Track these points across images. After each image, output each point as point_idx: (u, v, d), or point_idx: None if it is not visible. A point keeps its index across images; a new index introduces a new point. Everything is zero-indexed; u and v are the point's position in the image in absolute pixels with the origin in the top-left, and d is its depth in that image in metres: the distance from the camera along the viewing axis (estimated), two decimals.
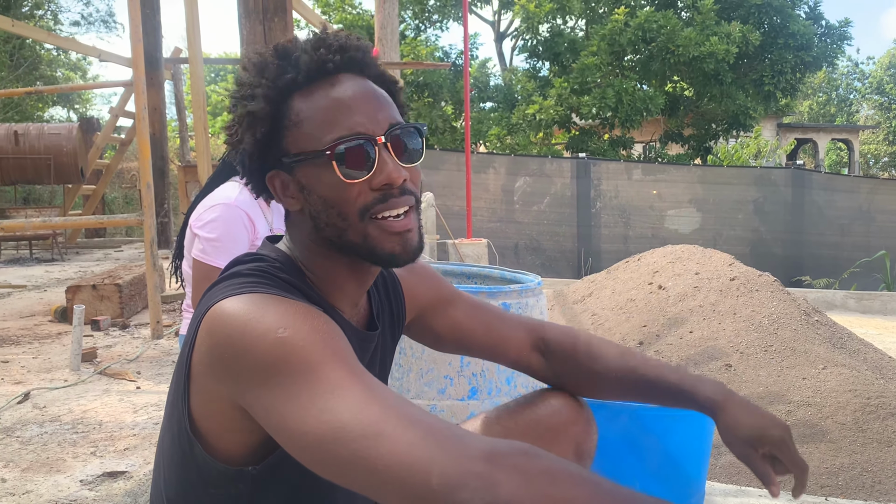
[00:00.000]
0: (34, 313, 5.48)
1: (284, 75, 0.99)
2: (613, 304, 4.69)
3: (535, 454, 0.73)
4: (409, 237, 1.00)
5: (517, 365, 1.34)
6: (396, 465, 0.72)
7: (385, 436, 0.74)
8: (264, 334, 0.84)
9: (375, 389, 0.80)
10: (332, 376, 0.81)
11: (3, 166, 10.35)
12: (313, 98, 0.99)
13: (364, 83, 1.01)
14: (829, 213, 11.76)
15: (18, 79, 17.89)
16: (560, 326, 1.35)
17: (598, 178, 11.95)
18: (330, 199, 0.98)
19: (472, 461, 0.71)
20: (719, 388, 1.20)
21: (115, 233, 14.35)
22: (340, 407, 0.78)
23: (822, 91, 35.78)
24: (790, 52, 15.51)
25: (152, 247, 4.43)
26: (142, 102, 4.39)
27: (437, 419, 0.78)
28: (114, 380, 3.40)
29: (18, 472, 2.19)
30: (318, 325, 0.87)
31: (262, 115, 0.99)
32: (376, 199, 0.97)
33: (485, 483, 0.69)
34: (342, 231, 0.99)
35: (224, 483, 0.98)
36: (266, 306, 0.88)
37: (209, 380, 0.92)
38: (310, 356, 0.82)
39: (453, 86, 16.73)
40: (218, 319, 0.89)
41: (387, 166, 0.97)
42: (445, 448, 0.73)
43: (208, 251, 2.29)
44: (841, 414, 3.23)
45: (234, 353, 0.86)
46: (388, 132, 0.98)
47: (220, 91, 25.86)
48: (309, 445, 0.78)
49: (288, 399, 0.81)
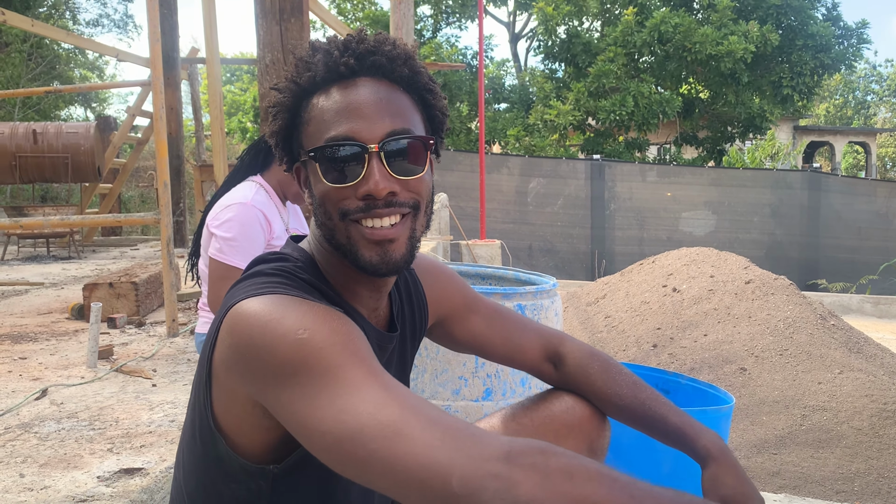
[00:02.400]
0: (51, 310, 5.53)
1: (307, 73, 1.01)
2: (627, 307, 4.67)
3: (553, 452, 0.73)
4: (390, 248, 0.98)
5: (533, 372, 1.37)
6: (416, 467, 0.73)
7: (403, 436, 0.75)
8: (285, 335, 0.85)
9: (394, 390, 0.81)
10: (351, 377, 0.81)
11: (22, 165, 10.44)
12: (328, 98, 1.00)
13: (381, 89, 1.00)
14: (846, 217, 11.67)
15: (36, 78, 18.05)
16: (579, 343, 1.36)
17: (612, 180, 11.92)
18: (319, 198, 1.00)
19: (490, 462, 0.71)
20: (718, 441, 1.22)
21: (131, 231, 14.46)
22: (359, 407, 0.78)
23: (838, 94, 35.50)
24: (809, 53, 15.38)
25: (168, 245, 4.46)
26: (159, 102, 4.42)
27: (456, 419, 0.79)
28: (130, 377, 3.43)
29: (36, 467, 2.21)
30: (337, 326, 0.88)
31: (283, 108, 1.03)
32: (359, 208, 0.97)
33: (504, 484, 0.70)
34: (332, 231, 1.00)
35: (245, 479, 0.99)
36: (287, 307, 0.89)
37: (230, 378, 0.93)
38: (329, 357, 0.83)
39: (470, 86, 16.75)
40: (239, 319, 0.90)
41: (372, 177, 0.95)
42: (464, 449, 0.73)
43: (225, 250, 2.31)
44: (857, 419, 3.21)
45: (254, 353, 0.86)
46: (384, 141, 0.96)
47: (235, 91, 25.99)
48: (328, 445, 0.79)
49: (307, 399, 0.82)
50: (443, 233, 9.14)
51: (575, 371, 1.31)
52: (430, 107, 1.06)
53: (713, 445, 1.21)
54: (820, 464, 3.01)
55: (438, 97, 1.07)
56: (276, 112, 1.04)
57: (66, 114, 20.96)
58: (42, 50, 18.55)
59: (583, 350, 1.33)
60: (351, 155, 0.96)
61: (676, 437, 1.24)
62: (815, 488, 2.87)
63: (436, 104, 1.07)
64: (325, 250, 1.05)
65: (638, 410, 1.27)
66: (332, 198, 0.98)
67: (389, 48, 1.02)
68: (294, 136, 1.04)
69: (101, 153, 11.01)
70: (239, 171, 2.58)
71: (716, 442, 1.22)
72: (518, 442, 0.74)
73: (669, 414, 1.26)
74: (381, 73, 1.01)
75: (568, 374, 1.32)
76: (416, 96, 1.05)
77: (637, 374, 1.37)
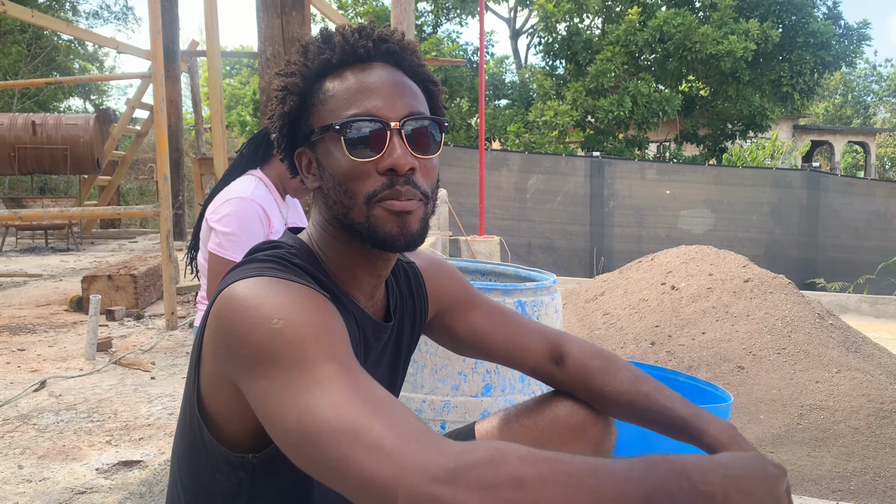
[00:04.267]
0: (50, 302, 5.53)
1: (321, 56, 1.03)
2: (626, 304, 4.68)
3: (502, 459, 0.70)
4: (409, 220, 0.99)
5: (534, 374, 1.34)
6: (365, 481, 0.72)
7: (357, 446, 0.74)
8: (260, 323, 0.85)
9: (358, 391, 0.80)
10: (319, 374, 0.81)
11: (21, 156, 10.44)
12: (343, 79, 1.02)
13: (394, 73, 1.03)
14: (845, 216, 11.68)
15: (35, 69, 18.02)
16: (581, 341, 1.34)
17: (611, 178, 11.91)
18: (339, 177, 1.00)
19: (433, 484, 0.69)
20: (728, 430, 1.18)
21: (129, 224, 14.45)
22: (319, 410, 0.78)
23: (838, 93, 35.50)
24: (809, 51, 15.38)
25: (168, 238, 4.46)
26: (160, 94, 4.41)
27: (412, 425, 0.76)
28: (129, 370, 3.43)
29: (35, 459, 2.21)
30: (314, 317, 0.87)
31: (294, 90, 1.04)
32: (384, 185, 0.98)
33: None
34: (348, 210, 1.00)
35: (227, 469, 0.99)
36: (269, 293, 0.89)
37: (214, 361, 0.94)
38: (299, 351, 0.83)
39: (471, 82, 16.74)
40: (224, 302, 0.91)
41: (395, 151, 0.97)
42: (411, 466, 0.71)
43: (224, 245, 2.31)
44: (854, 418, 3.22)
45: (233, 338, 0.87)
46: (405, 119, 0.99)
47: (235, 84, 25.95)
48: (290, 444, 0.80)
49: (274, 392, 0.82)
50: (442, 228, 9.14)
51: (574, 370, 1.29)
52: (434, 97, 1.09)
53: (723, 435, 1.16)
54: (816, 462, 3.02)
55: (440, 90, 1.11)
56: (284, 95, 1.05)
57: (66, 105, 20.90)
58: (42, 41, 18.50)
59: (584, 349, 1.31)
60: (373, 131, 0.98)
61: (683, 429, 1.20)
62: (812, 487, 2.87)
63: (438, 96, 1.10)
64: (330, 234, 1.06)
65: (641, 405, 1.23)
66: (353, 174, 0.99)
67: (399, 37, 1.06)
68: (302, 120, 1.05)
69: (101, 145, 11.00)
70: (238, 165, 2.58)
71: (725, 432, 1.17)
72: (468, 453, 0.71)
73: (675, 407, 1.22)
74: (394, 59, 1.04)
75: (567, 373, 1.30)
76: (422, 87, 1.08)
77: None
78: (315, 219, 1.09)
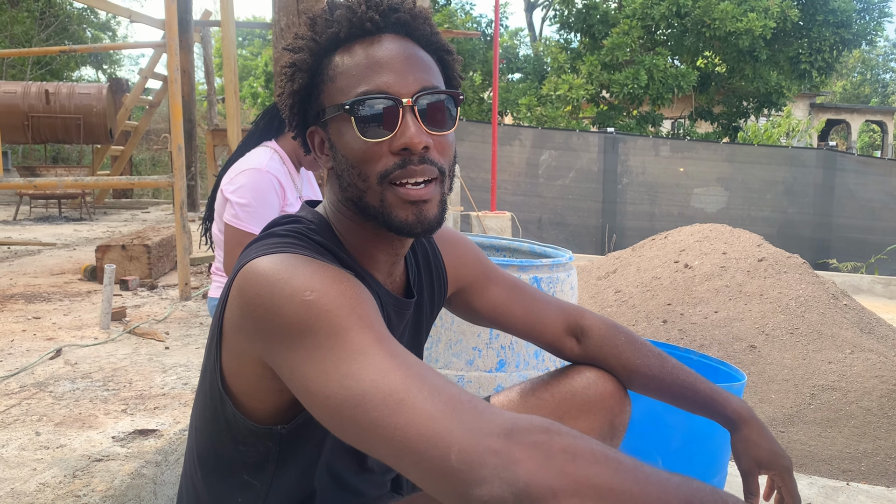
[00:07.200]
0: (64, 271, 5.56)
1: (329, 30, 0.99)
2: (638, 282, 4.66)
3: (557, 431, 0.71)
4: (425, 209, 0.97)
5: (551, 347, 1.35)
6: (415, 437, 0.72)
7: (405, 405, 0.74)
8: (291, 296, 0.84)
9: (400, 357, 0.80)
10: (357, 342, 0.80)
11: (34, 125, 10.45)
12: (352, 54, 0.98)
13: (406, 45, 0.99)
14: (860, 196, 11.56)
15: (48, 38, 17.98)
16: (600, 316, 1.36)
17: (625, 154, 11.82)
18: (351, 158, 0.97)
19: (491, 438, 0.69)
20: (746, 406, 1.28)
21: (141, 194, 14.49)
22: (363, 374, 0.77)
23: (856, 71, 35.01)
24: (829, 28, 15.12)
25: (182, 209, 4.47)
26: (174, 64, 4.39)
27: (461, 390, 0.77)
28: (143, 339, 3.46)
29: (52, 426, 2.24)
30: (346, 289, 0.87)
31: (303, 67, 1.00)
32: (396, 165, 0.95)
33: (504, 461, 0.67)
34: (362, 193, 0.98)
35: (253, 441, 1.00)
36: (296, 267, 0.88)
37: (239, 338, 0.93)
38: (336, 320, 0.82)
39: (484, 55, 16.58)
40: (249, 278, 0.89)
41: (408, 130, 0.94)
42: (465, 422, 0.71)
43: (241, 216, 2.31)
44: (866, 399, 3.21)
45: (262, 312, 0.86)
46: (418, 95, 0.95)
47: (246, 55, 25.82)
48: (331, 410, 0.79)
49: (312, 362, 0.81)
50: (453, 203, 9.12)
51: (601, 343, 1.31)
52: (449, 68, 1.06)
53: (743, 410, 1.26)
54: (827, 443, 3.02)
55: (455, 59, 1.07)
56: (293, 72, 1.01)
57: (78, 75, 20.90)
58: (54, 9, 18.45)
59: (606, 323, 1.34)
60: (385, 109, 0.94)
61: (705, 405, 1.28)
62: (822, 467, 2.88)
63: (453, 66, 1.06)
64: (344, 214, 1.04)
65: (667, 380, 1.29)
66: (365, 156, 0.96)
67: (410, 6, 1.01)
68: (312, 98, 1.02)
69: (114, 115, 10.99)
70: (253, 136, 2.57)
71: (745, 406, 1.27)
72: (522, 419, 0.72)
73: (697, 383, 1.29)
74: (405, 30, 1.00)
75: (594, 348, 1.32)
76: (436, 57, 1.04)
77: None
78: (330, 197, 1.07)
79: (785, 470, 1.23)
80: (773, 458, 1.23)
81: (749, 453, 1.24)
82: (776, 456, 1.23)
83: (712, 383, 1.30)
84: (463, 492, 0.68)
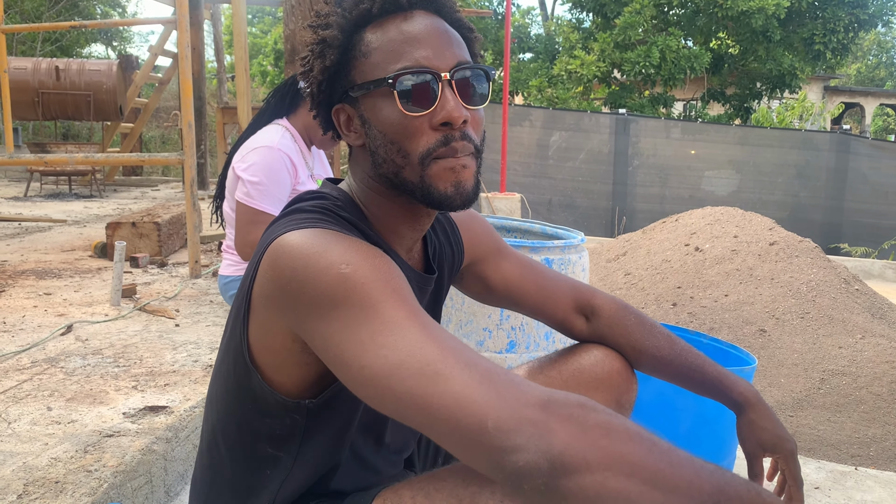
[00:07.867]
0: (75, 248, 5.59)
1: (360, 5, 0.99)
2: (648, 264, 4.65)
3: (592, 407, 0.72)
4: (464, 177, 0.97)
5: (561, 325, 1.36)
6: (452, 405, 0.73)
7: (442, 375, 0.75)
8: (327, 268, 0.85)
9: (434, 330, 0.81)
10: (392, 314, 0.81)
11: (45, 101, 10.46)
12: (385, 30, 0.98)
13: (437, 21, 0.99)
14: (873, 181, 11.45)
15: (59, 13, 17.94)
16: (610, 296, 1.37)
17: (636, 136, 11.73)
18: (390, 134, 0.97)
19: (528, 408, 0.71)
20: (753, 389, 1.28)
21: (151, 172, 14.51)
22: (399, 344, 0.78)
23: (871, 54, 34.58)
24: (844, 9, 14.91)
25: (192, 186, 4.47)
26: (185, 40, 4.37)
27: (494, 364, 0.78)
28: (153, 316, 3.47)
29: (63, 401, 2.25)
30: (379, 263, 0.87)
31: (333, 44, 1.00)
32: (439, 142, 0.95)
33: (540, 430, 0.69)
34: (399, 168, 0.98)
35: (281, 414, 1.00)
36: (329, 242, 0.89)
37: (270, 311, 0.93)
38: (371, 293, 0.83)
39: (495, 34, 16.46)
40: (281, 251, 0.89)
41: (448, 103, 0.94)
42: (502, 392, 0.73)
43: (252, 194, 2.31)
44: (876, 385, 3.20)
45: (296, 285, 0.86)
46: (455, 69, 0.96)
47: (256, 33, 25.70)
48: (366, 380, 0.79)
49: (348, 333, 0.82)
50: None
51: (611, 323, 1.32)
52: (472, 45, 1.06)
53: (749, 393, 1.27)
54: (836, 427, 3.01)
55: (476, 37, 1.07)
56: (321, 49, 1.01)
57: (88, 51, 20.86)
58: None
59: (616, 303, 1.34)
60: (425, 83, 0.95)
61: (713, 387, 1.29)
62: (830, 451, 2.87)
63: (475, 44, 1.07)
64: (374, 190, 1.04)
65: (676, 361, 1.30)
66: (407, 131, 0.96)
67: None
68: (342, 75, 1.01)
69: (123, 92, 10.98)
70: (265, 114, 2.56)
71: (751, 390, 1.27)
72: (558, 393, 0.73)
73: (705, 365, 1.30)
74: (434, 6, 1.01)
75: (603, 327, 1.32)
76: (461, 34, 1.04)
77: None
78: (357, 175, 1.06)
79: (789, 453, 1.23)
80: (777, 441, 1.23)
81: (754, 436, 1.25)
82: (780, 439, 1.23)
83: (720, 366, 1.31)
84: (498, 458, 0.69)
